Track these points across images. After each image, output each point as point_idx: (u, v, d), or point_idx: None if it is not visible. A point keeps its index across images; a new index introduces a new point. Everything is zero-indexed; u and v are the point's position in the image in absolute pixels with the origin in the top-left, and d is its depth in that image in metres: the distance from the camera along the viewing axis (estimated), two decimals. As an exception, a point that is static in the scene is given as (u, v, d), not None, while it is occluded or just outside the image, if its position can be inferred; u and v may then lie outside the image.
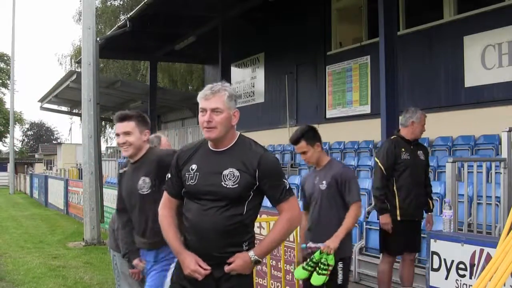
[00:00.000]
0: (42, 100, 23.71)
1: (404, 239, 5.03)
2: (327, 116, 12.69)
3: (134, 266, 3.78)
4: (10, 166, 33.35)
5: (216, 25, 12.96)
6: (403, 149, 5.07)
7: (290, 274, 5.21)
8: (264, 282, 5.50)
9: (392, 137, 5.27)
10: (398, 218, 4.98)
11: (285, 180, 2.68)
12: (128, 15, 12.97)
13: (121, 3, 27.27)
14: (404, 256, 5.18)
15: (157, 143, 4.06)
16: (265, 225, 5.51)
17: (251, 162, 2.60)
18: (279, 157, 13.27)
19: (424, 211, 5.23)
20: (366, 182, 8.30)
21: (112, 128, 34.60)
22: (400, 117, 5.38)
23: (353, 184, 3.98)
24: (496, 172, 5.38)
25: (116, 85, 18.86)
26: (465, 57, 9.23)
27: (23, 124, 57.80)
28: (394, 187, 5.04)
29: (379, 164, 5.06)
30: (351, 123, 11.84)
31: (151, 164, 3.45)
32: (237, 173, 2.58)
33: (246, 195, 2.61)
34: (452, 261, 3.75)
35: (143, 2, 11.43)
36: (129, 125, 3.49)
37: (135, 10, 12.44)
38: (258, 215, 2.84)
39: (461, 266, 3.69)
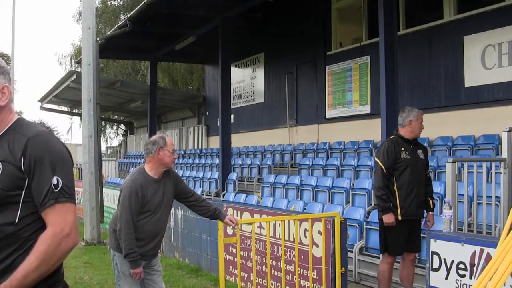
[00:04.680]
0: (42, 100, 23.71)
1: (405, 239, 5.03)
2: (327, 116, 12.69)
3: (136, 267, 3.83)
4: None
5: (216, 25, 12.96)
6: (402, 149, 5.07)
7: (290, 274, 5.21)
8: (264, 282, 5.50)
9: (392, 137, 5.27)
10: (400, 217, 4.97)
11: (58, 177, 1.87)
12: (128, 15, 12.97)
13: (121, 3, 27.26)
14: (404, 256, 5.18)
15: (163, 144, 4.03)
16: (265, 225, 5.51)
17: (17, 148, 1.89)
18: (278, 157, 13.28)
19: (424, 210, 5.23)
20: (366, 182, 8.30)
21: (112, 128, 34.62)
22: (398, 117, 5.37)
23: None
24: (496, 172, 5.38)
25: (116, 85, 18.86)
26: (465, 57, 9.23)
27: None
28: (395, 187, 5.04)
29: (380, 163, 5.06)
30: (351, 123, 11.84)
31: None
32: (0, 165, 1.88)
33: (13, 195, 1.86)
34: (452, 261, 3.75)
35: (143, 2, 11.43)
36: None
37: (135, 10, 12.44)
38: (258, 215, 2.63)
39: (461, 266, 3.69)
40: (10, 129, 1.97)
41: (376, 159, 5.19)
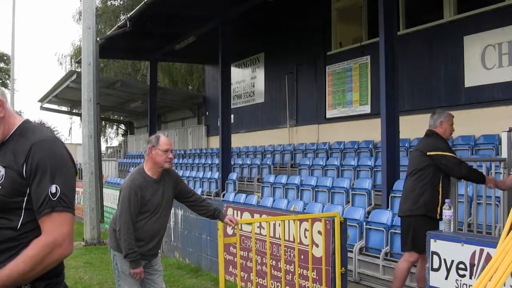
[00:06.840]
0: (42, 100, 23.71)
1: None
2: (327, 116, 12.69)
3: (136, 267, 3.83)
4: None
5: (216, 25, 12.96)
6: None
7: (290, 274, 5.21)
8: (264, 282, 5.50)
9: (432, 134, 5.07)
10: (438, 216, 4.76)
11: (56, 185, 1.84)
12: (128, 15, 12.96)
13: (121, 3, 27.27)
14: (424, 255, 5.05)
15: (155, 143, 3.99)
16: (265, 225, 5.51)
17: (20, 154, 1.86)
18: (278, 157, 13.27)
19: None
20: (366, 182, 8.30)
21: (112, 128, 34.64)
22: (429, 120, 5.21)
23: None
24: (496, 172, 5.38)
25: (116, 85, 18.87)
26: (465, 57, 9.24)
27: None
28: (440, 185, 4.85)
29: (448, 153, 4.83)
30: (351, 123, 11.85)
31: None
32: (2, 171, 1.85)
33: (15, 202, 1.85)
34: (452, 261, 3.75)
35: (143, 2, 11.43)
36: None
37: (135, 10, 12.43)
38: (258, 215, 2.52)
39: (461, 266, 3.68)
40: (16, 134, 1.93)
41: (441, 153, 4.86)
